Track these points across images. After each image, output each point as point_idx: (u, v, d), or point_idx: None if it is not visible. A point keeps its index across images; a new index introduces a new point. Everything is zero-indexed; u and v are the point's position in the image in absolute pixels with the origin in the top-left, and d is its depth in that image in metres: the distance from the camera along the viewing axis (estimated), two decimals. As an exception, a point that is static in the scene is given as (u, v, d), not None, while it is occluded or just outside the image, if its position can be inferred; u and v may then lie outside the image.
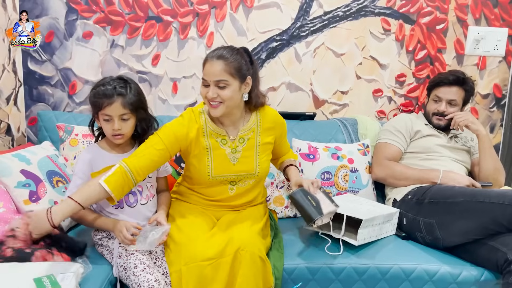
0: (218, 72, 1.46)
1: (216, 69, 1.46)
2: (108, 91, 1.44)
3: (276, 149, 1.73)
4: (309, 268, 1.55)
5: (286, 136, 1.78)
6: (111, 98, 1.43)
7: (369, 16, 2.34)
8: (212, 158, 1.57)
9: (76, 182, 1.47)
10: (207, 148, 1.56)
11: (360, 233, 1.61)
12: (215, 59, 1.47)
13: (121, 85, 1.46)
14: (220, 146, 1.58)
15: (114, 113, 1.44)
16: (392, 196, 1.93)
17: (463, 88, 2.02)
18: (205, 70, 1.50)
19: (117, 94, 1.44)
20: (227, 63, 1.46)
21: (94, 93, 1.46)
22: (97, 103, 1.44)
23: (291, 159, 1.77)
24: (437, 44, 2.39)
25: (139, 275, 1.32)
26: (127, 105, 1.46)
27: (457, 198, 1.64)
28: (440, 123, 2.03)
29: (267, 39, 2.32)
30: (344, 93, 2.41)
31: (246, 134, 1.61)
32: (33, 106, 2.28)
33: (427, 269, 1.57)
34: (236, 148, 1.59)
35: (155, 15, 2.24)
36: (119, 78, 1.51)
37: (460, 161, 1.99)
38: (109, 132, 1.47)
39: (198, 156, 1.56)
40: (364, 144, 2.09)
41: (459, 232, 1.62)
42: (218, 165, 1.57)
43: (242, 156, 1.59)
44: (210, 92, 1.47)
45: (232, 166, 1.58)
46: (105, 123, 1.46)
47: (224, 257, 1.36)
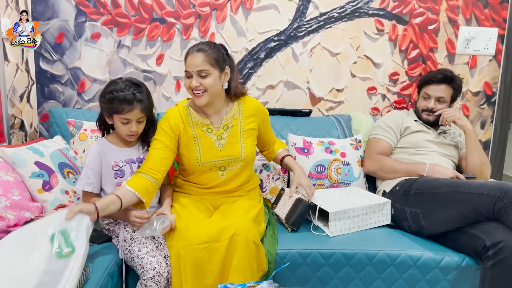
0: (199, 63, 1.59)
1: (198, 60, 1.59)
2: (128, 97, 1.53)
3: (262, 138, 1.87)
4: (300, 253, 1.66)
5: (269, 125, 1.90)
6: (131, 105, 1.54)
7: (363, 17, 2.44)
8: (200, 146, 1.70)
9: (87, 173, 1.59)
10: (194, 137, 1.70)
11: (333, 225, 1.75)
12: (195, 52, 1.61)
13: (137, 90, 1.57)
14: (206, 135, 1.71)
15: (133, 117, 1.56)
16: (382, 188, 2.04)
17: (451, 86, 2.11)
18: (187, 63, 1.62)
19: (136, 100, 1.55)
20: (207, 54, 1.60)
21: (112, 98, 1.53)
22: (116, 108, 1.53)
23: (283, 149, 1.92)
24: (429, 44, 2.48)
25: (143, 258, 1.44)
26: (144, 110, 1.59)
27: (441, 189, 1.74)
28: (429, 118, 2.13)
29: (266, 39, 2.43)
30: (339, 91, 2.52)
31: (229, 122, 1.74)
32: (45, 103, 2.41)
33: (411, 255, 1.67)
34: (221, 135, 1.73)
35: (159, 17, 2.37)
36: (131, 82, 1.59)
37: (447, 155, 2.09)
38: (125, 133, 1.59)
39: (187, 146, 1.70)
40: (356, 139, 2.20)
41: (442, 221, 1.72)
42: (205, 152, 1.70)
43: (228, 142, 1.73)
44: (193, 82, 1.60)
45: (219, 152, 1.72)
46: (122, 125, 1.57)
47: (220, 241, 1.48)
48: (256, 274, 1.51)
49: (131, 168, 1.64)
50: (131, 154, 1.66)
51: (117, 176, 1.62)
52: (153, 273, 1.40)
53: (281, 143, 1.97)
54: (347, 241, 1.73)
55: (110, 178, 1.61)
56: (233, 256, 1.48)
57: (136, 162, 1.65)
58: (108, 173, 1.61)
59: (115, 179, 1.61)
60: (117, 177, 1.62)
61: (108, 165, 1.60)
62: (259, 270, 1.54)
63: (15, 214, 1.50)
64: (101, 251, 1.51)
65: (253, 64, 2.45)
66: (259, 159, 2.05)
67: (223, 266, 1.49)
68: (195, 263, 1.46)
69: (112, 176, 1.61)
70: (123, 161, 1.63)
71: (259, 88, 2.48)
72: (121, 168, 1.62)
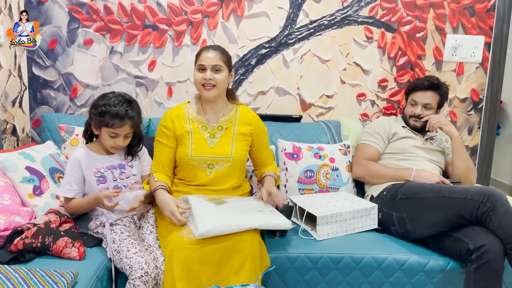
0: (216, 58, 1.73)
1: (214, 55, 1.73)
2: (121, 113, 1.59)
3: (256, 154, 1.89)
4: (288, 257, 1.68)
5: (266, 143, 1.93)
6: (123, 121, 1.60)
7: (353, 24, 2.49)
8: (193, 141, 1.77)
9: (68, 180, 1.65)
10: (188, 132, 1.78)
11: (320, 229, 1.77)
12: (211, 50, 1.75)
13: (130, 107, 1.63)
14: (201, 131, 1.79)
15: (122, 132, 1.63)
16: (370, 193, 2.07)
17: (437, 92, 2.16)
18: (203, 57, 1.74)
19: (128, 117, 1.61)
20: (222, 53, 1.76)
21: (104, 112, 1.58)
22: (107, 122, 1.58)
23: (272, 171, 1.90)
24: (417, 51, 2.53)
25: (131, 258, 1.46)
26: (134, 127, 1.66)
27: (426, 194, 1.77)
28: (417, 124, 2.17)
29: (257, 46, 2.47)
30: (329, 97, 2.55)
31: (225, 124, 1.82)
32: (37, 109, 2.43)
33: (397, 259, 1.70)
34: (214, 134, 1.80)
35: (152, 23, 2.40)
36: (124, 97, 1.64)
37: (434, 161, 2.12)
38: (111, 145, 1.65)
39: (182, 140, 1.78)
40: (345, 145, 2.23)
41: (427, 225, 1.75)
42: (197, 146, 1.77)
43: (220, 141, 1.80)
44: (208, 74, 1.71)
45: (209, 148, 1.78)
46: (109, 138, 1.63)
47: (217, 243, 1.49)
48: (259, 271, 1.53)
49: (113, 174, 1.69)
50: (113, 160, 1.71)
51: (99, 183, 1.66)
52: (141, 272, 1.41)
53: (276, 168, 1.96)
54: (334, 245, 1.75)
55: (93, 185, 1.66)
56: (233, 257, 1.50)
57: (118, 168, 1.70)
58: (90, 180, 1.66)
59: (97, 186, 1.66)
60: (100, 183, 1.66)
61: (90, 172, 1.65)
62: (263, 266, 1.56)
63: (5, 219, 1.52)
64: (90, 254, 1.53)
65: (245, 70, 2.48)
66: (250, 164, 2.07)
67: (220, 266, 1.50)
68: (189, 262, 1.46)
69: (95, 183, 1.66)
70: (105, 167, 1.68)
71: (250, 94, 2.51)
72: (103, 174, 1.67)
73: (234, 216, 1.55)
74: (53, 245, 1.46)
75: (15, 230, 1.50)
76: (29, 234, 1.46)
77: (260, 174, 1.92)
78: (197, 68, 1.76)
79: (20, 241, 1.44)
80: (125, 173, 1.71)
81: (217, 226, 1.48)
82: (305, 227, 1.86)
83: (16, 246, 1.44)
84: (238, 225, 1.51)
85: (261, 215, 1.62)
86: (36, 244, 1.45)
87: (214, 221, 1.49)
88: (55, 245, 1.46)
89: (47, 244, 1.46)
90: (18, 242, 1.44)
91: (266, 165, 1.93)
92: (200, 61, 1.74)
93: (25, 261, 1.42)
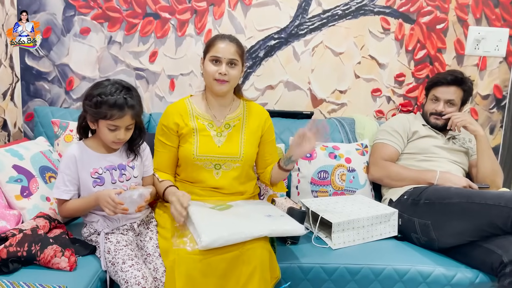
0: (233, 51, 1.58)
1: (231, 48, 1.58)
2: (119, 102, 1.39)
3: (261, 153, 1.73)
4: (301, 267, 1.53)
5: (273, 142, 1.78)
6: (122, 110, 1.40)
7: (369, 15, 2.32)
8: (198, 139, 1.63)
9: (63, 179, 1.45)
10: (193, 129, 1.63)
11: (336, 237, 1.62)
12: (228, 41, 1.59)
13: (129, 95, 1.42)
14: (207, 128, 1.64)
15: (123, 124, 1.43)
16: (388, 197, 1.91)
17: (461, 88, 2.00)
18: (218, 48, 1.57)
19: (128, 106, 1.41)
20: (239, 46, 1.61)
21: (101, 102, 1.38)
22: (104, 114, 1.39)
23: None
24: (437, 44, 2.37)
25: (127, 271, 1.30)
26: (135, 117, 1.46)
27: (453, 199, 1.61)
28: (438, 122, 2.01)
29: (265, 37, 2.30)
30: (342, 92, 2.39)
31: (232, 121, 1.68)
32: (30, 102, 2.28)
33: (421, 271, 1.55)
34: (221, 132, 1.65)
35: (153, 11, 2.24)
36: (121, 84, 1.44)
37: (457, 162, 1.97)
38: (111, 140, 1.45)
39: (186, 137, 1.63)
40: (362, 144, 2.07)
41: (454, 233, 1.60)
42: (203, 145, 1.62)
43: (227, 140, 1.65)
44: (223, 68, 1.56)
45: (216, 147, 1.63)
46: (108, 131, 1.43)
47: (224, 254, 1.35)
48: (269, 284, 1.39)
49: (112, 176, 1.50)
50: (112, 160, 1.51)
51: (96, 185, 1.47)
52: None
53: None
54: (351, 254, 1.60)
55: (88, 187, 1.47)
56: (241, 268, 1.35)
57: (118, 170, 1.51)
58: (86, 181, 1.46)
59: (93, 188, 1.47)
60: (96, 186, 1.47)
61: (86, 172, 1.46)
62: (273, 278, 1.41)
63: (-12, 223, 1.37)
64: (82, 264, 1.37)
65: (252, 63, 2.32)
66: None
67: (226, 278, 1.35)
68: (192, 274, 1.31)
69: (91, 185, 1.47)
70: (103, 167, 1.49)
71: (258, 89, 2.35)
72: (101, 176, 1.48)
73: (241, 223, 1.40)
74: (40, 254, 1.30)
75: (-2, 237, 1.34)
76: (13, 242, 1.30)
77: (267, 175, 1.75)
78: (210, 59, 1.58)
79: (3, 249, 1.29)
80: (125, 175, 1.53)
81: (222, 236, 1.32)
82: (319, 234, 1.70)
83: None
84: (246, 233, 1.36)
85: (270, 220, 1.46)
86: (22, 252, 1.29)
87: (218, 231, 1.34)
88: (43, 254, 1.30)
89: (33, 253, 1.30)
90: (1, 250, 1.28)
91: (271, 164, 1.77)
92: (214, 52, 1.57)
93: (9, 272, 1.26)
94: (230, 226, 1.37)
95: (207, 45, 1.62)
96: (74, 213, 1.52)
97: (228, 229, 1.35)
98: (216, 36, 1.62)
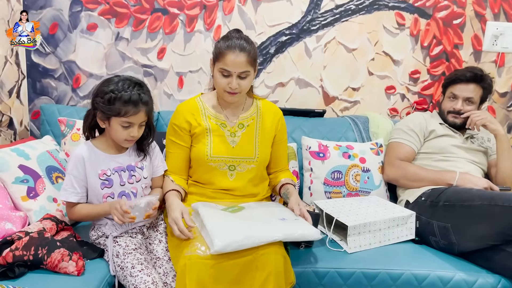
0: (243, 64, 1.47)
1: (241, 61, 1.46)
2: (134, 98, 1.35)
3: (272, 153, 1.67)
4: (316, 272, 1.48)
5: (285, 142, 1.72)
6: (137, 107, 1.36)
7: (383, 9, 2.25)
8: (212, 139, 1.57)
9: (70, 181, 1.40)
10: (206, 129, 1.57)
11: (352, 240, 1.56)
12: (238, 51, 1.46)
13: (142, 91, 1.38)
14: (220, 129, 1.59)
15: (137, 121, 1.39)
16: (404, 198, 1.85)
17: (480, 85, 1.93)
18: (228, 61, 1.46)
19: (142, 102, 1.37)
20: (249, 55, 1.48)
21: (114, 99, 1.34)
22: (119, 110, 1.34)
23: (290, 179, 1.68)
24: (453, 40, 2.29)
25: (136, 276, 1.25)
26: (149, 113, 1.42)
27: (475, 201, 1.55)
28: (456, 121, 1.94)
29: (276, 33, 2.24)
30: (355, 90, 2.33)
31: (246, 120, 1.62)
32: (37, 100, 2.23)
33: (441, 276, 1.48)
34: (235, 132, 1.60)
35: (161, 7, 2.18)
36: (131, 80, 1.40)
37: (476, 162, 1.90)
38: (124, 137, 1.40)
39: (198, 137, 1.58)
40: (377, 143, 2.01)
41: (475, 237, 1.53)
42: (216, 145, 1.57)
43: (242, 140, 1.59)
44: (233, 83, 1.48)
45: (231, 148, 1.57)
46: (122, 129, 1.38)
47: (239, 258, 1.29)
48: None
49: (121, 178, 1.45)
50: (121, 161, 1.46)
51: (104, 187, 1.42)
52: None
53: (291, 174, 1.75)
54: (367, 258, 1.54)
55: (96, 189, 1.42)
56: (254, 274, 1.29)
57: (127, 171, 1.46)
58: (94, 182, 1.41)
59: (101, 190, 1.42)
60: (104, 188, 1.42)
61: (94, 173, 1.41)
62: (287, 284, 1.36)
63: (-6, 226, 1.32)
64: (90, 268, 1.33)
65: (262, 59, 2.26)
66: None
67: (239, 284, 1.30)
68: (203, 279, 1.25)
69: (99, 187, 1.41)
70: (112, 169, 1.43)
71: (268, 86, 2.29)
72: (109, 177, 1.43)
73: (255, 227, 1.34)
74: (47, 257, 1.26)
75: (4, 240, 1.29)
76: (19, 245, 1.26)
77: (275, 181, 1.69)
78: (219, 71, 1.49)
79: (9, 253, 1.25)
80: (135, 176, 1.47)
81: (235, 240, 1.27)
82: (333, 237, 1.65)
83: (4, 258, 1.25)
84: (260, 238, 1.30)
85: (285, 224, 1.40)
86: (28, 256, 1.25)
87: (231, 235, 1.28)
88: (50, 258, 1.26)
89: (40, 257, 1.26)
90: (7, 254, 1.25)
91: (281, 169, 1.72)
92: (224, 65, 1.47)
93: (15, 277, 1.22)
94: (243, 230, 1.31)
95: (217, 53, 1.50)
96: (85, 218, 1.48)
97: (241, 233, 1.29)
98: (226, 44, 1.47)
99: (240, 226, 1.34)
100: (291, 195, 1.57)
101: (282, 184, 1.66)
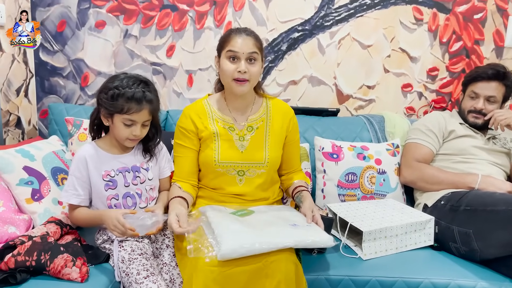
0: (251, 45, 1.43)
1: (249, 42, 1.43)
2: (138, 95, 1.32)
3: (284, 154, 1.60)
4: (329, 279, 1.41)
5: (297, 143, 1.65)
6: (140, 104, 1.33)
7: (400, 4, 2.17)
8: (219, 144, 1.51)
9: (72, 182, 1.37)
10: (214, 133, 1.52)
11: (367, 246, 1.49)
12: (244, 34, 1.44)
13: (147, 89, 1.35)
14: (228, 132, 1.53)
15: (140, 119, 1.35)
16: (422, 201, 1.76)
17: (503, 83, 1.83)
18: (235, 43, 1.42)
19: (146, 100, 1.34)
20: (256, 39, 1.46)
21: (118, 95, 1.31)
22: (121, 107, 1.31)
23: (303, 181, 1.62)
24: (474, 35, 2.19)
25: (141, 283, 1.20)
26: (152, 112, 1.38)
27: (498, 206, 1.46)
28: (477, 121, 1.85)
29: (288, 29, 2.17)
30: (370, 88, 2.25)
31: (255, 122, 1.55)
32: (45, 98, 2.20)
33: (462, 285, 1.40)
34: (244, 136, 1.53)
35: (170, 3, 2.13)
36: (137, 78, 1.37)
37: (498, 164, 1.81)
38: (126, 136, 1.37)
39: (206, 142, 1.52)
40: (393, 144, 1.92)
41: (499, 244, 1.44)
42: (224, 150, 1.51)
43: (251, 144, 1.53)
44: (242, 66, 1.42)
45: (239, 153, 1.51)
46: (124, 127, 1.35)
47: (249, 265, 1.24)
48: None
49: (125, 178, 1.40)
50: (126, 162, 1.42)
51: (108, 188, 1.38)
52: None
53: (304, 176, 1.69)
54: (384, 265, 1.47)
55: (99, 190, 1.38)
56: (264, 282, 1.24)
57: (131, 172, 1.42)
58: (97, 183, 1.37)
59: (105, 192, 1.38)
60: (108, 189, 1.38)
61: (98, 174, 1.37)
62: None
63: (-3, 229, 1.29)
64: (95, 274, 1.28)
65: (274, 56, 2.19)
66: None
67: None
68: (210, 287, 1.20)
69: (102, 188, 1.37)
70: (116, 170, 1.39)
71: (280, 84, 2.22)
72: (113, 178, 1.39)
73: (264, 232, 1.28)
74: (50, 263, 1.22)
75: (7, 244, 1.26)
76: (22, 250, 1.22)
77: (288, 183, 1.63)
78: (226, 56, 1.43)
79: (11, 258, 1.21)
80: (139, 178, 1.43)
81: (243, 245, 1.21)
82: (347, 242, 1.58)
83: (6, 264, 1.21)
84: (269, 244, 1.24)
85: (296, 230, 1.34)
86: (30, 262, 1.21)
87: (239, 239, 1.22)
88: (53, 263, 1.22)
89: (43, 263, 1.22)
90: (9, 259, 1.21)
91: (294, 171, 1.65)
92: (231, 47, 1.42)
93: (16, 283, 1.18)
94: (252, 235, 1.26)
95: (221, 41, 1.47)
96: (82, 223, 1.43)
97: (250, 239, 1.23)
98: (230, 30, 1.48)
99: (249, 231, 1.28)
100: (305, 199, 1.51)
101: (295, 186, 1.60)
